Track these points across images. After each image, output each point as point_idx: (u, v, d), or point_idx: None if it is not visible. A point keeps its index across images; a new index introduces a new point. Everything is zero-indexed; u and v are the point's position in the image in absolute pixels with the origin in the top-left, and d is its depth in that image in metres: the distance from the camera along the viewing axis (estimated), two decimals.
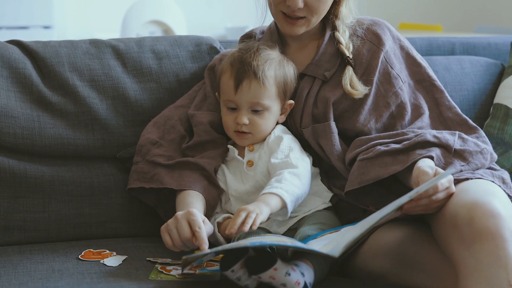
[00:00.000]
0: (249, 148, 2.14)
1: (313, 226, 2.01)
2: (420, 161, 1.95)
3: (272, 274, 1.79)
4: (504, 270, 1.71)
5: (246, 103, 2.09)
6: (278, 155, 2.08)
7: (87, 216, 2.24)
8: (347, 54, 2.15)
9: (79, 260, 2.03)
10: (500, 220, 1.75)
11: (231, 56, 2.14)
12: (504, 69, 2.63)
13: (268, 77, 2.09)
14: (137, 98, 2.34)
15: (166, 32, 4.86)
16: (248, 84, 2.08)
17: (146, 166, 2.17)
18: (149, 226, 2.27)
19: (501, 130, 2.46)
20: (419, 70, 2.20)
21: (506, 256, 1.72)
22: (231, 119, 2.12)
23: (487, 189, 1.91)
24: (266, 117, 2.11)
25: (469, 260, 1.75)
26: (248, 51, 2.12)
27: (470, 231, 1.76)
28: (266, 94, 2.09)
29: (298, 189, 2.01)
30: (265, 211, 1.92)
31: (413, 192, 1.80)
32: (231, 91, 2.09)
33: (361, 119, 2.13)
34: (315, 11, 2.10)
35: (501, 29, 4.82)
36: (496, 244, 1.73)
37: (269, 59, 2.11)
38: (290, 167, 2.03)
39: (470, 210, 1.78)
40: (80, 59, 2.34)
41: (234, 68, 2.10)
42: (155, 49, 2.40)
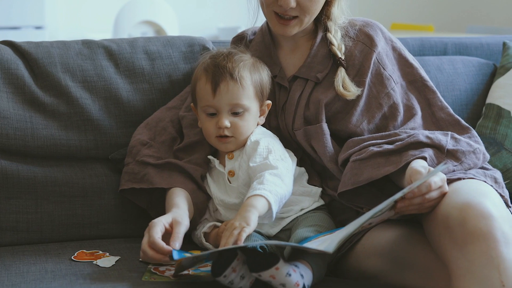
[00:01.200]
0: (229, 156, 2.12)
1: (310, 228, 2.01)
2: (413, 162, 1.95)
3: (273, 273, 1.79)
4: (497, 270, 1.72)
5: (226, 106, 2.07)
6: (256, 158, 2.05)
7: (80, 217, 2.24)
8: (339, 55, 2.15)
9: (72, 261, 2.02)
10: (492, 221, 1.76)
11: (203, 63, 2.12)
12: (496, 69, 2.64)
13: (245, 77, 2.08)
14: (129, 99, 2.34)
15: (158, 32, 4.86)
16: (226, 86, 2.06)
17: (136, 167, 2.17)
18: (142, 227, 2.25)
19: (494, 130, 2.47)
20: (411, 71, 2.21)
21: (498, 257, 1.72)
22: (212, 125, 2.09)
23: (479, 189, 1.91)
24: (246, 118, 2.09)
25: (461, 261, 1.75)
26: (220, 55, 2.11)
27: (462, 232, 1.76)
28: (244, 95, 2.07)
29: (280, 189, 1.98)
30: (252, 219, 1.88)
31: (406, 189, 1.80)
32: (209, 96, 2.07)
33: (354, 120, 2.14)
34: (307, 10, 2.09)
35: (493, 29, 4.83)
36: (488, 245, 1.73)
37: (242, 61, 2.10)
38: (269, 169, 2.01)
39: (462, 211, 1.79)
40: (72, 59, 2.34)
41: (209, 73, 2.08)
42: (148, 50, 2.40)
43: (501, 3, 5.63)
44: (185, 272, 1.91)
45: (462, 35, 4.52)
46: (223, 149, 2.12)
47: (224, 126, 2.07)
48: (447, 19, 5.76)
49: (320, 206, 2.13)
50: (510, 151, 2.43)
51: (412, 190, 1.83)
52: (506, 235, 1.75)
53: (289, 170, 2.06)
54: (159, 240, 1.89)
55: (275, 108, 2.20)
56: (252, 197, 1.93)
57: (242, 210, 1.90)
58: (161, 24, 4.88)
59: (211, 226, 2.08)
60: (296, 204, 2.09)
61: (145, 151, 2.18)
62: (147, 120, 2.29)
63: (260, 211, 1.91)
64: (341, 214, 2.13)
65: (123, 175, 2.20)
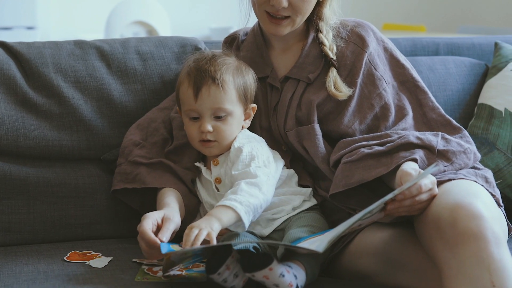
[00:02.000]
0: (214, 162, 2.10)
1: (303, 229, 2.00)
2: (404, 164, 1.96)
3: (266, 274, 1.79)
4: (487, 271, 1.72)
5: (208, 110, 2.05)
6: (238, 166, 2.04)
7: (72, 217, 2.24)
8: (330, 55, 2.15)
9: (65, 262, 2.02)
10: (482, 222, 1.76)
11: (187, 67, 2.11)
12: (488, 69, 2.64)
13: (227, 81, 2.06)
14: (121, 99, 2.34)
15: (150, 32, 4.86)
16: (208, 90, 2.05)
17: (128, 167, 2.17)
18: (134, 227, 2.25)
19: (485, 130, 2.47)
20: (402, 72, 2.21)
21: (488, 257, 1.73)
22: (195, 129, 2.08)
23: (469, 190, 1.92)
24: (229, 122, 2.08)
25: (452, 261, 1.76)
26: (203, 59, 2.10)
27: (453, 233, 1.77)
28: (226, 99, 2.06)
29: (255, 199, 1.95)
30: (215, 227, 1.87)
31: (396, 191, 1.81)
32: (191, 100, 2.06)
33: (345, 120, 2.14)
34: (299, 10, 2.09)
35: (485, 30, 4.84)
36: (478, 246, 1.74)
37: (225, 64, 2.09)
38: (249, 177, 1.99)
39: (452, 212, 1.79)
40: (64, 60, 2.34)
41: (191, 77, 2.07)
42: (140, 50, 2.40)
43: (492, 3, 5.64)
44: (178, 273, 1.91)
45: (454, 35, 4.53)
46: (207, 153, 2.11)
47: (206, 131, 2.05)
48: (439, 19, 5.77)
49: (313, 206, 2.13)
50: (502, 151, 2.43)
51: (402, 192, 1.83)
52: (496, 235, 1.75)
53: (271, 177, 2.03)
54: (148, 230, 1.88)
55: (267, 109, 2.20)
56: (220, 207, 1.91)
57: (207, 217, 1.88)
58: (153, 25, 4.87)
59: None
60: (287, 204, 2.09)
61: (137, 151, 2.18)
62: (139, 121, 2.28)
63: (224, 223, 1.89)
64: (334, 215, 2.13)
65: (115, 175, 2.20)
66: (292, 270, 1.83)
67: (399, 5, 5.87)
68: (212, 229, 1.84)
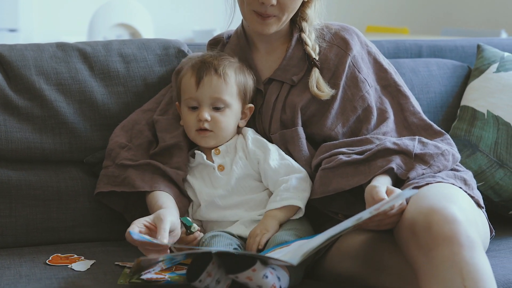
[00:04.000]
0: (216, 151, 2.13)
1: (289, 232, 2.00)
2: (374, 180, 1.96)
3: (249, 275, 1.79)
4: (459, 275, 1.72)
5: (207, 99, 2.10)
6: (272, 156, 2.10)
7: (55, 220, 2.23)
8: (313, 55, 2.15)
9: (47, 265, 2.01)
10: (456, 226, 1.76)
11: (191, 61, 2.16)
12: (470, 71, 2.65)
13: (229, 74, 2.11)
14: (104, 102, 2.33)
15: (133, 35, 4.85)
16: (210, 79, 2.10)
17: (116, 170, 2.16)
18: (117, 230, 2.26)
19: (468, 132, 2.48)
20: (385, 76, 2.22)
21: (461, 261, 1.72)
22: (193, 118, 2.11)
23: (445, 193, 1.92)
24: (227, 114, 2.12)
25: (426, 266, 1.76)
26: (209, 54, 2.17)
27: (427, 237, 1.77)
28: (227, 90, 2.11)
29: (307, 193, 2.08)
30: (271, 226, 2.01)
31: (372, 209, 1.79)
32: (193, 88, 2.11)
33: (328, 123, 2.14)
34: (287, 9, 2.10)
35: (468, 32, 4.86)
36: (451, 250, 1.74)
37: (229, 61, 2.15)
38: (295, 172, 2.09)
39: (427, 216, 1.79)
40: (46, 62, 2.33)
41: (195, 68, 2.13)
42: (123, 53, 2.39)
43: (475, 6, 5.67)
44: (161, 276, 1.91)
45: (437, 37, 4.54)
46: (202, 143, 2.13)
47: (204, 119, 2.09)
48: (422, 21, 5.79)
49: None
50: (484, 153, 2.44)
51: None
52: (471, 239, 1.75)
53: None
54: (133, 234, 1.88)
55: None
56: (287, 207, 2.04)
57: (266, 221, 2.02)
58: (136, 27, 4.87)
59: None
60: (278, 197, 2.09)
61: (124, 154, 2.17)
62: (122, 122, 2.27)
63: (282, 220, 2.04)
64: (320, 217, 2.13)
65: (102, 178, 2.19)
66: (276, 272, 1.83)
67: (383, 7, 5.88)
68: (267, 230, 2.00)
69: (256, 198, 2.10)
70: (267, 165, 2.09)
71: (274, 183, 2.08)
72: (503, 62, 2.58)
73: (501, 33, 4.65)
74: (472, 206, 1.99)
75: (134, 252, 1.99)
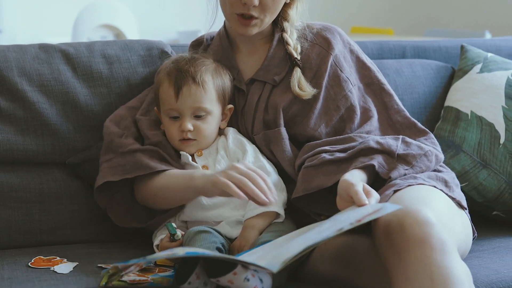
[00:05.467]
0: (198, 153, 2.13)
1: (272, 234, 2.00)
2: (347, 174, 1.95)
3: (231, 279, 1.79)
4: (429, 278, 1.71)
5: (188, 109, 2.09)
6: (248, 158, 2.10)
7: (37, 222, 2.22)
8: (294, 55, 2.15)
9: (29, 268, 2.00)
10: (428, 228, 1.75)
11: (166, 68, 2.15)
12: (454, 72, 2.65)
13: (207, 81, 2.10)
14: (87, 103, 2.32)
15: (118, 36, 4.83)
16: (188, 89, 2.09)
17: (122, 159, 2.12)
18: (100, 232, 2.25)
19: (452, 132, 2.48)
20: (368, 74, 2.22)
21: (431, 264, 1.72)
22: (175, 128, 2.11)
23: (422, 196, 1.92)
24: (209, 121, 2.11)
25: (398, 268, 1.75)
26: (183, 60, 2.14)
27: (400, 239, 1.76)
28: (206, 98, 2.10)
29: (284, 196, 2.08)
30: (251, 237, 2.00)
31: (354, 220, 1.77)
32: (172, 99, 2.09)
33: (312, 123, 2.14)
34: (269, 10, 2.10)
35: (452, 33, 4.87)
36: (422, 252, 1.73)
37: (204, 65, 2.13)
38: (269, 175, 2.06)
39: (400, 218, 1.78)
40: (29, 63, 2.31)
41: (171, 77, 2.11)
42: (106, 54, 2.38)
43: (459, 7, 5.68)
44: (144, 278, 1.90)
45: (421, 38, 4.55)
46: (186, 151, 2.13)
47: (187, 130, 2.09)
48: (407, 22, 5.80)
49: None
50: (468, 153, 2.44)
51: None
52: (443, 242, 1.75)
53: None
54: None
55: (235, 112, 2.20)
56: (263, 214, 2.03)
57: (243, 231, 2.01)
58: (120, 28, 4.85)
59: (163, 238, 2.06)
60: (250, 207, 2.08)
61: (125, 141, 2.14)
62: (110, 117, 2.23)
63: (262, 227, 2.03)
64: (305, 218, 2.13)
65: (106, 170, 2.13)
66: (258, 274, 1.82)
67: (367, 8, 5.89)
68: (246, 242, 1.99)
69: None
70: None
71: None
72: (487, 62, 2.59)
73: (485, 34, 4.66)
74: (450, 209, 1.99)
75: (117, 254, 1.99)
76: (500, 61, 2.60)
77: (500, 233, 2.38)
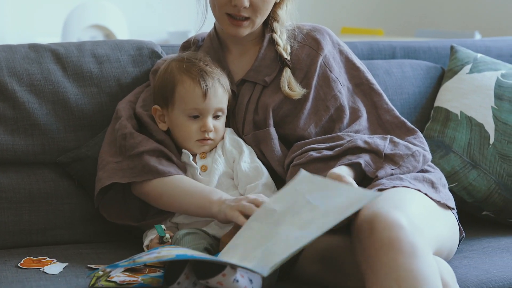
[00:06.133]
0: (201, 155, 2.14)
1: None
2: (335, 168, 1.96)
3: (220, 280, 1.78)
4: (396, 282, 1.71)
5: (212, 110, 2.11)
6: (245, 158, 2.12)
7: (27, 223, 2.21)
8: (284, 55, 2.16)
9: (19, 268, 2.00)
10: (397, 232, 1.74)
11: (179, 67, 2.12)
12: (444, 72, 2.66)
13: (225, 82, 2.14)
14: (77, 102, 2.31)
15: (108, 36, 4.82)
16: (215, 90, 2.10)
17: (131, 162, 2.11)
18: (90, 233, 2.25)
19: (442, 133, 2.49)
20: (357, 74, 2.22)
21: (398, 268, 1.71)
22: (195, 128, 2.11)
23: (397, 198, 1.91)
24: (223, 122, 2.15)
25: (368, 272, 1.75)
26: (196, 59, 2.13)
27: (370, 243, 1.76)
28: (225, 99, 2.13)
29: None
30: None
31: (342, 217, 1.77)
32: (199, 99, 2.09)
33: (301, 123, 2.14)
34: (259, 11, 2.10)
35: (441, 33, 4.88)
36: (390, 256, 1.72)
37: (216, 66, 2.15)
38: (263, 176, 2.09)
39: (369, 222, 1.78)
40: (19, 63, 2.31)
41: (195, 76, 2.10)
42: (96, 53, 2.38)
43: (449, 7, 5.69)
44: (133, 279, 1.89)
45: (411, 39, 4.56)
46: (201, 150, 2.14)
47: (210, 130, 2.11)
48: (397, 23, 5.80)
49: None
50: (458, 153, 2.45)
51: None
52: (413, 245, 1.73)
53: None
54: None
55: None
56: None
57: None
58: (110, 28, 4.84)
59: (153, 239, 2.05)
60: None
61: (129, 142, 2.12)
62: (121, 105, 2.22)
63: None
64: None
65: (115, 172, 2.11)
66: (247, 274, 1.82)
67: (357, 9, 5.89)
68: None
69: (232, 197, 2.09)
70: (239, 166, 2.10)
71: (242, 186, 2.10)
72: (476, 63, 2.59)
73: (474, 34, 4.67)
74: (430, 211, 1.98)
75: (106, 255, 1.98)
76: (490, 62, 2.61)
77: (489, 233, 2.38)
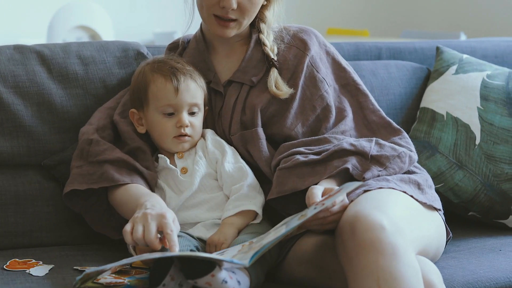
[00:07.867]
0: (179, 155, 2.13)
1: (250, 235, 2.00)
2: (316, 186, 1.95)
3: (209, 280, 1.78)
4: (376, 284, 1.71)
5: (186, 105, 2.10)
6: (228, 158, 2.11)
7: (12, 225, 2.20)
8: (271, 56, 2.16)
9: (4, 270, 1.99)
10: (377, 233, 1.75)
11: (152, 67, 2.13)
12: (430, 73, 2.66)
13: (198, 78, 2.13)
14: (63, 104, 2.31)
15: (93, 37, 4.81)
16: (187, 84, 2.10)
17: (91, 168, 2.11)
18: (76, 235, 2.24)
19: (428, 134, 2.49)
20: (344, 75, 2.23)
21: (378, 270, 1.72)
22: (171, 125, 2.10)
23: (379, 199, 1.91)
24: (200, 118, 2.14)
25: (350, 274, 1.76)
26: (168, 59, 2.15)
27: (352, 244, 1.76)
28: (199, 95, 2.12)
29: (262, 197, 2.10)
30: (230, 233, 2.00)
31: (319, 207, 1.78)
32: (171, 94, 2.09)
33: (288, 123, 2.14)
34: (247, 13, 2.10)
35: (427, 34, 4.89)
36: (370, 257, 1.73)
37: (189, 65, 2.15)
38: (248, 176, 2.09)
39: (352, 223, 1.78)
40: (3, 65, 2.30)
41: (166, 73, 2.10)
42: (81, 55, 2.37)
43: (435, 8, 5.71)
44: (120, 280, 1.89)
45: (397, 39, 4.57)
46: (179, 149, 2.12)
47: (185, 125, 2.09)
48: (382, 24, 5.82)
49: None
50: (444, 154, 2.45)
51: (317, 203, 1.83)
52: (395, 247, 1.74)
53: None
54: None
55: (211, 114, 2.20)
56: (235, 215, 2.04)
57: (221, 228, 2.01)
58: (96, 29, 4.83)
59: None
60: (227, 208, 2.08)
61: (94, 149, 2.12)
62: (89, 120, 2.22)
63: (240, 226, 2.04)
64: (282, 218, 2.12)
65: (75, 177, 2.12)
66: (236, 276, 1.82)
67: (343, 10, 5.91)
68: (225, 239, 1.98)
69: (216, 198, 2.10)
70: (223, 167, 2.10)
71: (227, 187, 2.10)
72: (462, 64, 2.60)
73: (460, 35, 4.69)
74: (414, 213, 1.98)
75: (92, 256, 1.98)
76: (475, 63, 2.62)
77: (476, 234, 2.39)
